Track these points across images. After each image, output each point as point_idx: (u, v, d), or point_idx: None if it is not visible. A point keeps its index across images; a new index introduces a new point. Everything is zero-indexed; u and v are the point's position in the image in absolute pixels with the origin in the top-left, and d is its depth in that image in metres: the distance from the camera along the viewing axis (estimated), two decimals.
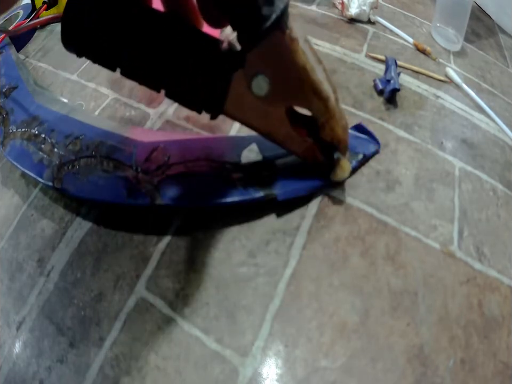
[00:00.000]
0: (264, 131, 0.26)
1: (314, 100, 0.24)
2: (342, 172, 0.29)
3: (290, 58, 0.22)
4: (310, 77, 0.23)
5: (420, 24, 0.52)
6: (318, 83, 0.24)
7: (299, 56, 0.23)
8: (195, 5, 0.23)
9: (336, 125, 0.26)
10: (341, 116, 0.26)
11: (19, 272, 0.30)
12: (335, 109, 0.25)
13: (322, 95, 0.24)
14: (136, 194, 0.28)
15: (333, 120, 0.26)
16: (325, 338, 0.25)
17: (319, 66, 0.25)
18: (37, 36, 0.54)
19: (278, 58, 0.22)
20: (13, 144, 0.33)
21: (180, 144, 0.31)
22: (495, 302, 0.27)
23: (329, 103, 0.25)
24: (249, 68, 0.23)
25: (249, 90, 0.23)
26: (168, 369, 0.24)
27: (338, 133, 0.26)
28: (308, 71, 0.23)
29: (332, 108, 0.25)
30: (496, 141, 0.38)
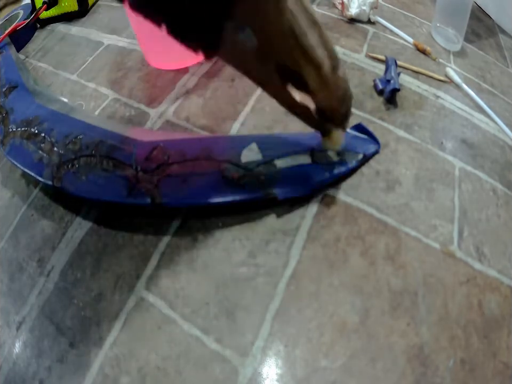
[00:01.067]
0: (255, 81, 0.25)
1: (304, 65, 0.23)
2: (331, 143, 0.28)
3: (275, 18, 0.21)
4: (298, 41, 0.22)
5: (419, 24, 0.52)
6: (308, 48, 0.22)
7: (285, 17, 0.21)
8: None
9: (330, 94, 0.24)
10: (337, 85, 0.24)
11: (19, 272, 0.30)
12: (328, 77, 0.23)
13: (313, 62, 0.23)
14: (136, 194, 0.28)
15: (326, 89, 0.24)
16: (325, 338, 0.25)
17: (313, 29, 0.22)
18: (37, 35, 0.54)
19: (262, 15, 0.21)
20: (12, 143, 0.33)
21: (179, 143, 0.31)
22: (495, 302, 0.27)
23: (322, 71, 0.23)
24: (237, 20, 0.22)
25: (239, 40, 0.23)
26: (168, 369, 0.24)
27: (331, 103, 0.25)
28: (296, 34, 0.21)
29: (325, 75, 0.23)
30: (496, 141, 0.38)
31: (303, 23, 0.22)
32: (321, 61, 0.23)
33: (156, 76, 0.41)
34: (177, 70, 0.41)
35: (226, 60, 0.25)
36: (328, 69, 0.23)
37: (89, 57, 0.47)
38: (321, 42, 0.23)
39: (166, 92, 0.39)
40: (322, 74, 0.23)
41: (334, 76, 0.24)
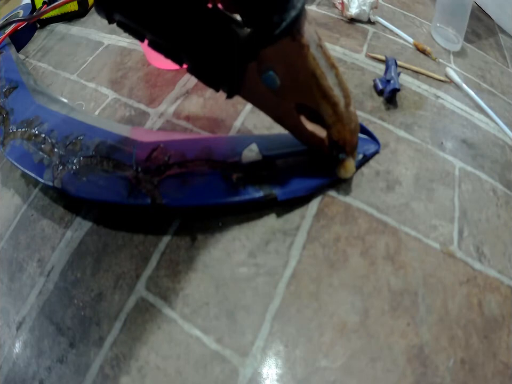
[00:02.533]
0: (274, 118, 0.28)
1: (323, 103, 0.25)
2: (345, 171, 0.29)
3: (299, 63, 0.23)
4: (319, 82, 0.24)
5: (420, 24, 0.52)
6: (327, 89, 0.24)
7: (309, 61, 0.23)
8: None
9: (343, 128, 0.27)
10: (350, 120, 0.27)
11: (19, 272, 0.30)
12: (343, 113, 0.26)
13: (330, 100, 0.25)
14: (136, 194, 0.28)
15: (340, 123, 0.26)
16: (325, 338, 0.25)
17: (331, 71, 0.25)
18: (37, 35, 0.54)
19: (287, 60, 0.23)
20: (13, 144, 0.33)
21: (180, 144, 0.31)
22: (495, 302, 0.27)
23: (338, 108, 0.25)
24: (261, 63, 0.24)
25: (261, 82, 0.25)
26: (168, 369, 0.24)
27: (344, 135, 0.27)
28: (317, 77, 0.24)
29: (340, 112, 0.26)
30: (496, 141, 0.38)
31: (323, 66, 0.24)
32: (338, 99, 0.25)
33: (156, 75, 0.41)
34: (177, 70, 0.41)
35: (246, 98, 0.27)
36: (343, 106, 0.26)
37: (89, 57, 0.47)
38: (338, 82, 0.25)
39: (166, 92, 0.39)
40: (338, 111, 0.26)
41: (348, 112, 0.26)
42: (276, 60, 0.23)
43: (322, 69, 0.24)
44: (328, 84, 0.24)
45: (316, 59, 0.23)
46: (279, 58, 0.23)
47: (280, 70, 0.24)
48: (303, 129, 0.27)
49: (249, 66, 0.24)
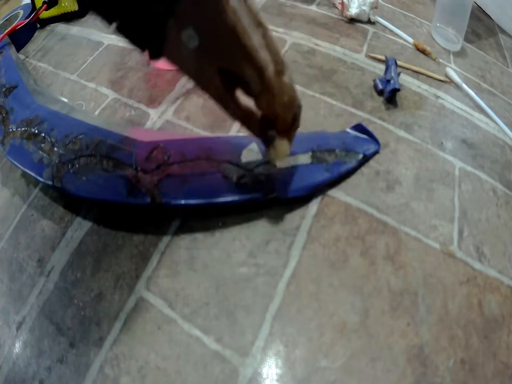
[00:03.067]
0: (198, 84, 0.25)
1: (247, 67, 0.22)
2: (275, 153, 0.26)
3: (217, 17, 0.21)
4: (240, 41, 0.21)
5: (420, 24, 0.52)
6: (250, 49, 0.21)
7: (227, 15, 0.20)
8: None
9: (273, 99, 0.23)
10: (281, 91, 0.23)
11: (19, 272, 0.30)
12: (272, 82, 0.23)
13: (255, 63, 0.22)
14: (136, 193, 0.28)
15: (268, 93, 0.23)
16: (325, 338, 0.25)
17: (257, 29, 0.22)
18: (36, 35, 0.54)
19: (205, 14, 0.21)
20: (13, 143, 0.33)
21: (179, 143, 0.31)
22: (495, 302, 0.27)
23: (265, 73, 0.22)
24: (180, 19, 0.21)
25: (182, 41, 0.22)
26: (168, 369, 0.24)
27: (275, 109, 0.24)
28: (238, 34, 0.21)
29: (268, 79, 0.22)
30: (496, 141, 0.38)
31: (246, 23, 0.21)
32: (264, 63, 0.22)
33: (156, 75, 0.41)
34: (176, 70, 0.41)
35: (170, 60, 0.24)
36: (272, 73, 0.23)
37: (89, 57, 0.47)
38: (265, 44, 0.22)
39: (166, 92, 0.39)
40: (265, 77, 0.23)
41: (279, 81, 0.23)
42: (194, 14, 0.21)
43: (244, 25, 0.21)
44: (251, 43, 0.21)
45: (236, 13, 0.21)
46: (197, 12, 0.21)
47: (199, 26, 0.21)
48: (227, 101, 0.24)
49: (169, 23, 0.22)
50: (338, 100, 0.38)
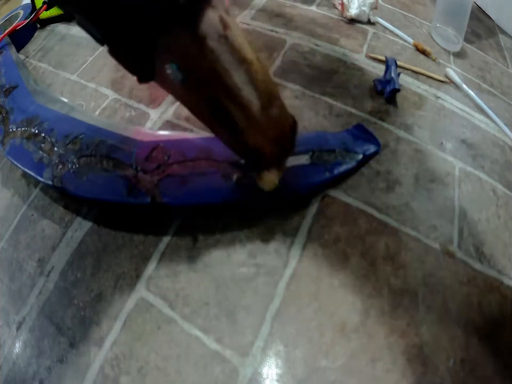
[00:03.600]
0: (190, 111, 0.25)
1: (230, 104, 0.22)
2: (264, 184, 0.26)
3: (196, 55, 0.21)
4: (220, 81, 0.21)
5: (419, 25, 0.52)
6: (231, 88, 0.21)
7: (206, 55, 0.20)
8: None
9: (257, 135, 0.23)
10: (268, 126, 0.23)
11: (19, 272, 0.30)
12: (255, 118, 0.23)
13: (237, 102, 0.22)
14: (136, 193, 0.28)
15: (252, 129, 0.23)
16: (325, 338, 0.25)
17: (241, 67, 0.21)
18: (37, 36, 0.54)
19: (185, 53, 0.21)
20: (13, 143, 0.33)
21: (179, 143, 0.31)
22: (495, 302, 0.27)
23: (247, 111, 0.22)
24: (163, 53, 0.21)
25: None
26: (168, 369, 0.24)
27: (259, 144, 0.23)
28: (217, 73, 0.21)
29: (252, 116, 0.22)
30: (496, 141, 0.38)
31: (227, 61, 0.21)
32: (247, 101, 0.22)
33: None
34: None
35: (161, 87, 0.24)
36: (256, 109, 0.22)
37: (89, 57, 0.46)
38: (249, 80, 0.22)
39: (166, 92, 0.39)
40: (248, 115, 0.22)
41: (265, 115, 0.23)
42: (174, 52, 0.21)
43: (224, 64, 0.21)
44: (233, 82, 0.21)
45: (215, 52, 0.20)
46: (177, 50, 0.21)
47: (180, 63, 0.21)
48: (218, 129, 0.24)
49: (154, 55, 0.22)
50: (338, 100, 0.38)
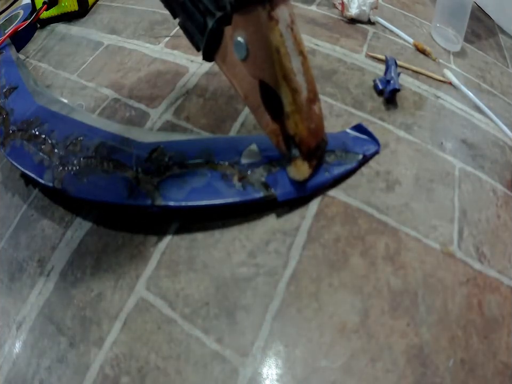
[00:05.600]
0: (240, 92, 0.27)
1: (283, 86, 0.24)
2: (297, 172, 0.28)
3: (266, 35, 0.23)
4: (282, 61, 0.24)
5: (419, 25, 0.52)
6: (288, 70, 0.24)
7: (274, 36, 0.23)
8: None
9: (301, 122, 0.26)
10: (310, 117, 0.26)
11: (19, 272, 0.30)
12: (303, 106, 0.25)
13: (291, 84, 0.24)
14: (137, 195, 0.28)
15: (298, 115, 0.25)
16: (325, 338, 0.25)
17: (298, 57, 0.24)
18: (37, 35, 0.54)
19: (256, 30, 0.23)
20: (13, 144, 0.33)
21: (180, 144, 0.31)
22: (495, 302, 0.27)
23: (297, 96, 0.25)
24: (234, 29, 0.25)
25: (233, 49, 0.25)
26: (168, 369, 0.24)
27: (301, 131, 0.26)
28: (280, 54, 0.23)
29: (299, 102, 0.25)
30: (496, 141, 0.38)
31: (289, 47, 0.24)
32: (299, 87, 0.25)
33: (156, 76, 0.41)
34: (176, 69, 0.41)
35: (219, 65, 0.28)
36: (304, 99, 0.25)
37: (89, 57, 0.47)
38: (303, 71, 0.25)
39: (166, 92, 0.39)
40: (297, 100, 0.25)
41: (309, 108, 0.26)
42: (247, 27, 0.24)
43: (287, 49, 0.24)
44: (290, 66, 0.24)
45: (283, 36, 0.23)
46: (250, 26, 0.23)
47: (249, 38, 0.24)
48: (263, 113, 0.27)
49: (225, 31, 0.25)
50: (338, 100, 0.38)
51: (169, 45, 0.45)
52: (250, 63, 0.25)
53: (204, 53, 0.27)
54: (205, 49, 0.27)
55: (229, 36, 0.25)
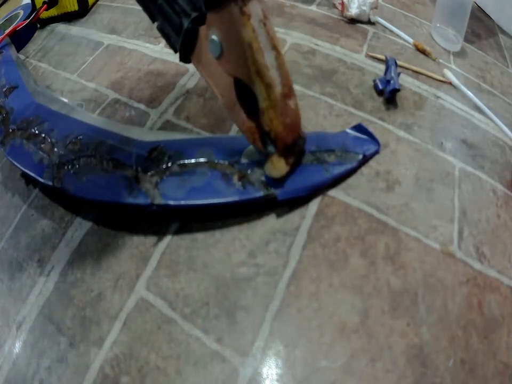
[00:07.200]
0: (216, 91, 0.28)
1: (256, 81, 0.24)
2: (273, 169, 0.27)
3: (238, 31, 0.23)
4: (254, 56, 0.24)
5: (419, 25, 0.52)
6: (261, 65, 0.24)
7: (246, 31, 0.23)
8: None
9: (276, 117, 0.25)
10: (285, 112, 0.26)
11: (19, 272, 0.30)
12: (277, 101, 0.25)
13: (264, 79, 0.24)
14: (136, 194, 0.28)
15: (272, 110, 0.25)
16: (325, 338, 0.25)
17: (271, 52, 0.24)
18: (36, 35, 0.54)
19: (229, 27, 0.24)
20: (13, 143, 0.33)
21: (179, 143, 0.31)
22: (495, 302, 0.27)
23: (271, 91, 0.25)
24: (208, 28, 0.25)
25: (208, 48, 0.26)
26: (168, 369, 0.24)
27: (276, 127, 0.26)
28: (253, 49, 0.23)
29: (274, 97, 0.25)
30: (496, 141, 0.38)
31: (262, 42, 0.24)
32: (273, 82, 0.25)
33: (156, 76, 0.41)
34: (176, 69, 0.41)
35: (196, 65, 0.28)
36: (279, 94, 0.25)
37: (89, 57, 0.47)
38: (277, 66, 0.25)
39: (166, 92, 0.39)
40: (271, 96, 0.25)
41: (284, 102, 0.26)
42: (220, 24, 0.24)
43: (260, 44, 0.24)
44: (263, 61, 0.24)
45: (255, 31, 0.23)
46: (223, 23, 0.24)
47: (222, 36, 0.24)
48: (239, 111, 0.27)
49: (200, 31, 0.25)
50: (338, 100, 0.38)
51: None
52: (225, 60, 0.25)
53: (180, 54, 0.28)
54: (181, 50, 0.27)
55: (203, 36, 0.26)
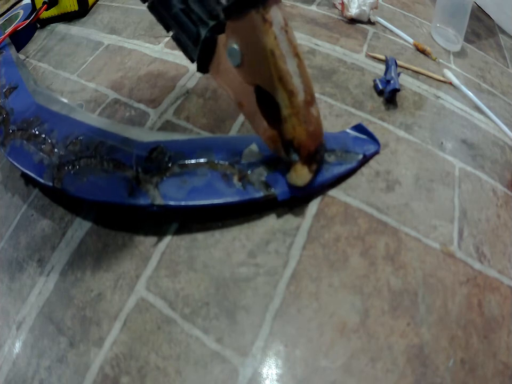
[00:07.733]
0: (235, 100, 0.27)
1: (279, 88, 0.24)
2: (297, 177, 0.27)
3: (260, 38, 0.23)
4: (277, 63, 0.23)
5: (419, 25, 0.52)
6: (284, 72, 0.24)
7: (269, 38, 0.23)
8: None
9: (299, 125, 0.25)
10: (308, 120, 0.25)
11: (19, 272, 0.30)
12: (300, 108, 0.25)
13: (287, 87, 0.24)
14: (137, 194, 0.28)
15: (295, 118, 0.25)
16: (325, 338, 0.25)
17: (293, 59, 0.24)
18: (37, 35, 0.54)
19: (250, 35, 0.23)
20: (13, 144, 0.33)
21: (180, 144, 0.31)
22: (495, 302, 0.27)
23: (294, 99, 0.24)
24: (227, 37, 0.25)
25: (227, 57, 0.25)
26: (168, 369, 0.24)
27: (299, 135, 0.25)
28: (275, 56, 0.23)
29: (296, 105, 0.25)
30: (496, 141, 0.38)
31: (284, 49, 0.24)
32: (295, 89, 0.24)
33: (156, 76, 0.41)
34: (176, 69, 0.41)
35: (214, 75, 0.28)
36: (301, 101, 0.25)
37: (89, 57, 0.47)
38: (299, 73, 0.24)
39: (166, 92, 0.39)
40: (294, 103, 0.24)
41: (307, 110, 0.25)
42: (240, 32, 0.24)
43: (282, 51, 0.23)
44: (286, 68, 0.24)
45: (277, 38, 0.23)
46: (243, 31, 0.24)
47: (243, 44, 0.24)
48: (260, 120, 0.26)
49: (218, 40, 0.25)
50: (338, 100, 0.38)
51: (169, 45, 0.45)
52: (245, 69, 0.25)
53: (198, 64, 0.27)
54: (199, 60, 0.27)
55: (222, 44, 0.25)
